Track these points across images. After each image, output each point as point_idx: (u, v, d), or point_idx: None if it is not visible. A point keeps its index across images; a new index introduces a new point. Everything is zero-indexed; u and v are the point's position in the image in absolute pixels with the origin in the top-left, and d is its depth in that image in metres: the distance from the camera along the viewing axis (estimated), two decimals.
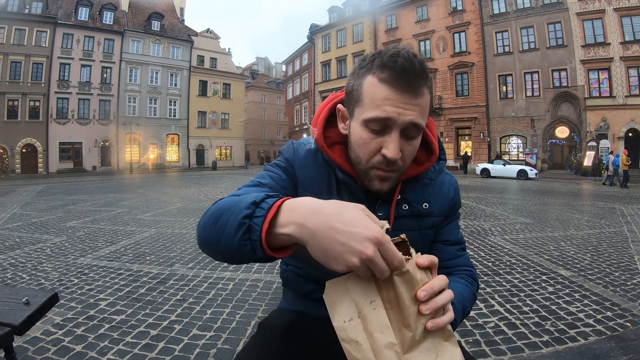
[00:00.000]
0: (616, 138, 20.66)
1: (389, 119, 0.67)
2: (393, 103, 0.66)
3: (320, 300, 0.85)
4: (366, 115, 0.69)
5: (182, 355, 2.05)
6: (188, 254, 4.27)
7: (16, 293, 1.58)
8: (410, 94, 0.66)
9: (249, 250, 0.53)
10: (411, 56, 0.66)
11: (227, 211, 0.58)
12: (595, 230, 5.65)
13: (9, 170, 25.37)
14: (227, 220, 0.57)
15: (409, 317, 0.54)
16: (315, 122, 0.82)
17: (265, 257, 0.54)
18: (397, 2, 28.94)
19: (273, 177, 0.80)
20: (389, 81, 0.66)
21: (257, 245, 0.52)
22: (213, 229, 0.60)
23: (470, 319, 2.50)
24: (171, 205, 8.75)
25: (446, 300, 0.56)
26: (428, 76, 0.69)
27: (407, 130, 0.69)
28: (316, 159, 0.83)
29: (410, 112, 0.67)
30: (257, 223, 0.53)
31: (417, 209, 0.82)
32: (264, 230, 0.52)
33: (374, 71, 0.68)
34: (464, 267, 0.87)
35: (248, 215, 0.54)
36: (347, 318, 0.55)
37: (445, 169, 0.90)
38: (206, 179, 19.71)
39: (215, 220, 0.60)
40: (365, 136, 0.70)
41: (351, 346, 0.54)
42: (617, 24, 20.44)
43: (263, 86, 53.61)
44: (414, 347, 0.55)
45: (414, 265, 0.54)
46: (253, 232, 0.53)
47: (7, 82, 25.64)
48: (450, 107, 26.49)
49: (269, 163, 0.86)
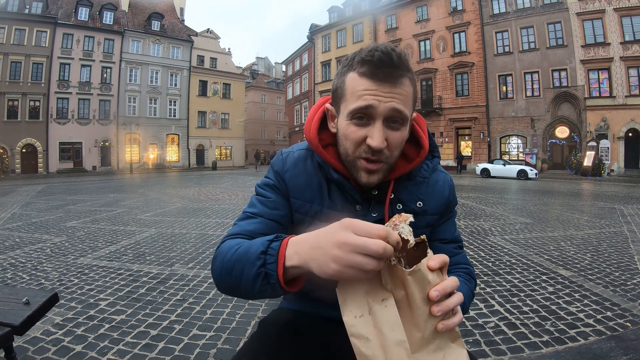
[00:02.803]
0: (616, 138, 20.67)
1: (370, 107, 0.69)
2: (373, 92, 0.69)
3: (319, 299, 0.86)
4: (349, 107, 0.71)
5: (182, 355, 2.05)
6: (188, 254, 4.27)
7: (16, 293, 1.58)
8: (389, 84, 0.69)
9: (270, 292, 0.62)
10: (389, 50, 0.69)
11: (239, 263, 0.65)
12: (595, 230, 5.65)
13: (9, 170, 25.36)
14: (241, 272, 0.64)
15: (419, 317, 0.54)
16: (308, 125, 0.82)
17: (283, 292, 0.62)
18: (397, 2, 28.94)
19: (263, 201, 0.82)
20: (368, 74, 0.69)
21: (277, 286, 0.60)
22: (229, 279, 0.67)
23: (470, 319, 2.50)
24: (171, 205, 8.75)
25: (457, 302, 0.56)
26: (407, 68, 0.71)
27: (390, 119, 0.70)
28: (305, 166, 0.83)
29: (390, 99, 0.69)
30: (271, 269, 0.60)
31: (410, 208, 0.81)
32: (280, 274, 0.59)
33: (355, 67, 0.71)
34: (462, 265, 0.87)
35: (262, 265, 0.61)
36: (357, 314, 0.56)
37: (439, 166, 0.90)
38: (206, 179, 19.70)
39: (228, 271, 0.67)
40: (350, 128, 0.72)
41: (360, 342, 0.54)
42: (617, 24, 20.43)
43: (263, 86, 53.61)
44: (422, 348, 0.55)
45: (426, 265, 0.54)
46: (270, 277, 0.60)
47: (7, 82, 25.62)
48: (450, 107, 26.48)
49: (258, 184, 0.87)
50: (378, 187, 0.80)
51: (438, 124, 26.98)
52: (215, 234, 5.39)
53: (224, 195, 11.05)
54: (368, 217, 0.79)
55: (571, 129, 22.35)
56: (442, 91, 26.83)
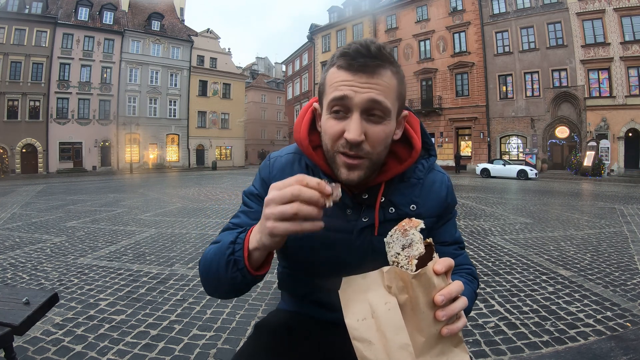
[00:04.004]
0: (616, 138, 20.66)
1: (345, 97, 0.66)
2: (349, 83, 0.66)
3: (316, 302, 0.86)
4: (327, 100, 0.70)
5: (182, 355, 2.05)
6: (188, 254, 4.27)
7: (16, 293, 1.58)
8: (366, 74, 0.66)
9: (240, 279, 0.64)
10: (368, 42, 0.67)
11: (215, 257, 0.69)
12: (595, 230, 5.65)
13: (9, 170, 25.35)
14: (217, 264, 0.67)
15: (422, 321, 0.53)
16: (298, 126, 0.80)
17: (252, 278, 0.65)
18: (397, 2, 28.92)
19: (246, 212, 0.83)
20: (345, 65, 0.67)
21: (245, 271, 0.63)
22: (208, 275, 0.71)
23: (470, 319, 2.50)
24: (171, 205, 8.75)
25: (462, 307, 0.56)
26: (388, 59, 0.68)
27: (368, 110, 0.67)
28: (292, 170, 0.81)
29: (368, 89, 0.66)
30: (239, 255, 0.64)
31: (403, 211, 0.77)
32: (246, 257, 0.63)
33: (334, 62, 0.70)
34: (464, 266, 0.86)
35: (231, 253, 0.64)
36: (360, 317, 0.55)
37: (436, 165, 0.86)
38: (206, 179, 19.70)
39: (207, 268, 0.71)
40: (329, 122, 0.70)
41: (363, 345, 0.54)
42: (617, 24, 20.43)
43: (263, 86, 53.61)
44: (425, 352, 0.54)
45: (432, 269, 0.53)
46: (238, 263, 0.64)
47: (7, 82, 25.60)
48: (450, 107, 26.47)
49: (245, 191, 0.87)
50: (368, 191, 0.77)
51: (438, 124, 26.98)
52: (215, 234, 5.39)
53: (224, 195, 11.05)
54: (359, 222, 0.77)
55: (571, 129, 22.35)
56: (442, 91, 26.82)
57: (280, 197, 0.55)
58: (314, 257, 0.79)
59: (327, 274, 0.77)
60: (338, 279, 0.63)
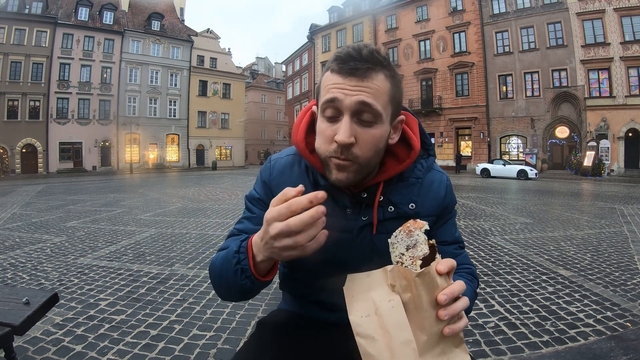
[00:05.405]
0: (616, 138, 20.66)
1: (336, 100, 0.66)
2: (340, 86, 0.67)
3: (316, 302, 0.86)
4: (320, 102, 0.70)
5: (182, 355, 2.05)
6: (188, 254, 4.27)
7: (16, 293, 1.58)
8: (356, 77, 0.66)
9: (250, 285, 0.67)
10: (361, 46, 0.68)
11: (223, 267, 0.71)
12: (595, 230, 5.65)
13: (9, 170, 25.35)
14: (226, 272, 0.70)
15: (425, 320, 0.54)
16: (295, 129, 0.81)
17: (261, 284, 0.68)
18: (397, 2, 28.93)
19: (249, 217, 0.84)
20: (337, 69, 0.68)
21: (253, 278, 0.66)
22: (221, 285, 0.74)
23: (470, 318, 2.50)
24: (171, 205, 8.75)
25: (463, 307, 0.56)
26: (381, 63, 0.68)
27: (359, 113, 0.67)
28: (292, 172, 0.82)
29: (358, 92, 0.66)
30: (245, 264, 0.66)
31: (402, 210, 0.78)
32: (252, 265, 0.65)
33: (329, 66, 0.71)
34: (464, 266, 0.86)
35: (237, 262, 0.67)
36: (364, 313, 0.56)
37: (435, 165, 0.86)
38: (206, 179, 19.70)
39: (218, 277, 0.74)
40: (322, 126, 0.70)
41: (366, 342, 0.54)
42: (617, 24, 20.43)
43: (263, 86, 53.61)
44: (427, 351, 0.54)
45: (435, 269, 0.54)
46: (245, 271, 0.66)
47: (7, 82, 25.61)
48: (450, 107, 26.48)
49: (247, 195, 0.88)
50: (367, 190, 0.78)
51: (438, 124, 26.98)
52: (215, 234, 5.39)
53: (224, 195, 11.05)
54: (359, 221, 0.78)
55: (571, 129, 22.35)
56: (442, 91, 26.82)
57: (279, 232, 0.56)
58: (314, 257, 0.79)
59: (328, 274, 0.77)
60: (339, 278, 0.64)
